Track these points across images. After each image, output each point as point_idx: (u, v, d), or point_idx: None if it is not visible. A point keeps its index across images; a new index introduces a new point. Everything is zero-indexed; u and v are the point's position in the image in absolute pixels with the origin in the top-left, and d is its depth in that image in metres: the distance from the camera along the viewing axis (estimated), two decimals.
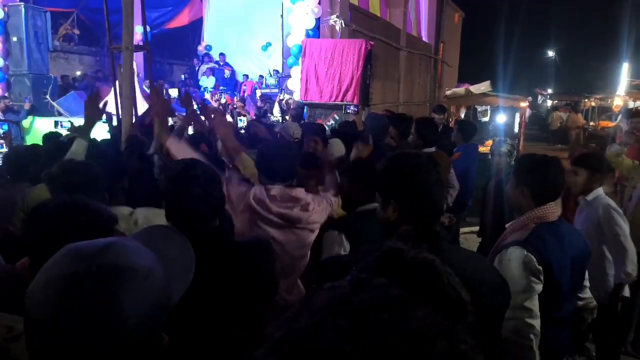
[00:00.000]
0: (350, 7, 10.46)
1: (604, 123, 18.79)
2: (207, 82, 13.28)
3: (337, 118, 8.85)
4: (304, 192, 2.50)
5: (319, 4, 9.64)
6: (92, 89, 11.95)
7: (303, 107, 8.71)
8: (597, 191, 3.19)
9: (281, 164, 2.46)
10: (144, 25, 6.01)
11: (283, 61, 10.70)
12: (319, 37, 9.75)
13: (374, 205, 1.81)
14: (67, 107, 10.31)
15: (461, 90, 13.03)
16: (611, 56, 32.03)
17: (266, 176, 2.48)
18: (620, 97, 22.13)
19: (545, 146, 18.79)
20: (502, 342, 1.79)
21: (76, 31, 14.23)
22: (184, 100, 4.43)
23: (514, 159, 4.21)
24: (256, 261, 1.78)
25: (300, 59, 9.45)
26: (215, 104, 11.30)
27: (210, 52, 14.41)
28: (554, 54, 41.50)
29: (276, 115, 10.41)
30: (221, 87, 13.25)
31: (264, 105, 11.22)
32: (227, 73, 13.61)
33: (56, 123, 6.18)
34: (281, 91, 11.08)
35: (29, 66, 10.47)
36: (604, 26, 34.17)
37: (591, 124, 19.49)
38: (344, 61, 9.06)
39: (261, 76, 12.98)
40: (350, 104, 8.87)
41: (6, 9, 10.37)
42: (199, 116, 4.43)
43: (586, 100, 22.90)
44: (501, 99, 12.59)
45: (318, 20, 9.72)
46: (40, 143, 4.35)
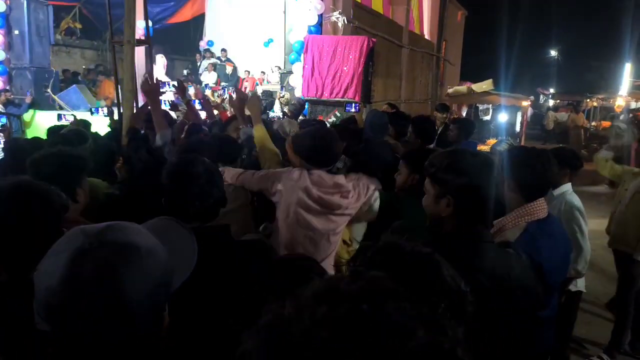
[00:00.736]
0: (353, 4, 10.44)
1: (605, 123, 18.76)
2: (208, 78, 13.26)
3: (338, 115, 8.84)
4: (344, 178, 2.50)
5: (322, 0, 9.62)
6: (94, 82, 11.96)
7: (303, 103, 8.70)
8: (565, 187, 3.20)
9: (323, 150, 2.45)
10: (146, 19, 6.01)
11: (285, 57, 10.69)
12: (321, 34, 9.73)
13: None
14: (68, 100, 10.31)
15: (463, 88, 13.03)
16: (614, 56, 31.98)
17: (308, 162, 2.47)
18: (622, 98, 22.10)
19: (543, 145, 18.74)
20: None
21: (78, 25, 14.21)
22: (177, 90, 4.45)
23: None
24: (251, 261, 1.76)
25: (302, 55, 9.44)
26: (218, 100, 11.29)
27: (212, 48, 14.38)
28: (557, 53, 41.42)
29: (277, 111, 10.40)
30: (222, 83, 13.23)
31: (265, 100, 11.21)
32: (228, 69, 13.58)
33: (59, 116, 6.17)
34: (282, 88, 11.06)
35: (31, 59, 10.46)
36: (607, 26, 34.09)
37: (593, 124, 19.46)
38: (346, 58, 9.06)
39: (263, 72, 12.95)
40: (352, 101, 8.86)
41: (8, 1, 10.36)
42: (194, 107, 4.43)
43: (588, 100, 22.86)
44: (503, 97, 12.59)
45: (320, 16, 9.69)
46: (42, 136, 4.34)
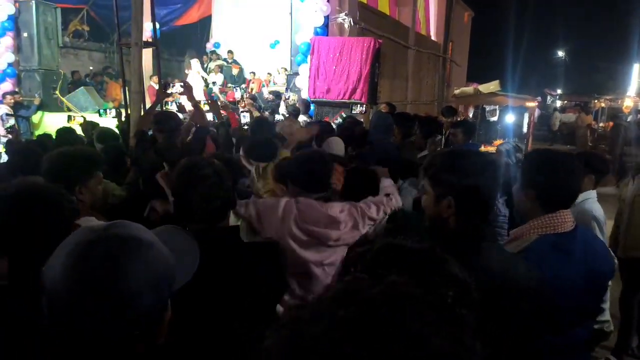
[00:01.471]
0: (359, 5, 10.44)
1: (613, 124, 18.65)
2: (214, 80, 13.31)
3: (344, 116, 8.83)
4: (337, 207, 2.27)
5: (328, 1, 9.62)
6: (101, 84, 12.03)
7: (308, 104, 8.71)
8: (588, 194, 2.89)
9: (312, 173, 2.30)
10: (153, 22, 6.04)
11: (291, 59, 10.69)
12: (327, 35, 9.74)
13: None
14: (77, 102, 10.38)
15: (470, 89, 12.98)
16: (622, 57, 31.78)
17: (299, 187, 2.34)
18: (630, 98, 21.96)
19: (550, 147, 18.65)
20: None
21: (86, 27, 14.31)
22: (185, 92, 4.46)
23: (518, 158, 4.17)
24: (260, 264, 1.77)
25: (309, 56, 9.45)
26: (226, 99, 11.33)
27: (219, 50, 14.43)
28: (564, 54, 41.21)
29: (282, 113, 10.42)
30: (229, 85, 13.28)
31: (273, 100, 11.23)
32: (234, 70, 13.63)
33: (69, 117, 6.23)
34: (287, 89, 11.07)
35: (39, 62, 10.54)
36: (614, 27, 33.87)
37: (600, 124, 19.35)
38: (352, 59, 9.06)
39: (269, 74, 12.98)
40: (358, 102, 8.86)
41: (17, 4, 10.45)
42: (202, 110, 4.45)
43: (596, 101, 22.73)
44: (510, 98, 12.53)
45: (327, 18, 9.70)
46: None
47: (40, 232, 1.35)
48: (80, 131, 5.43)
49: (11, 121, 8.92)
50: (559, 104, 27.06)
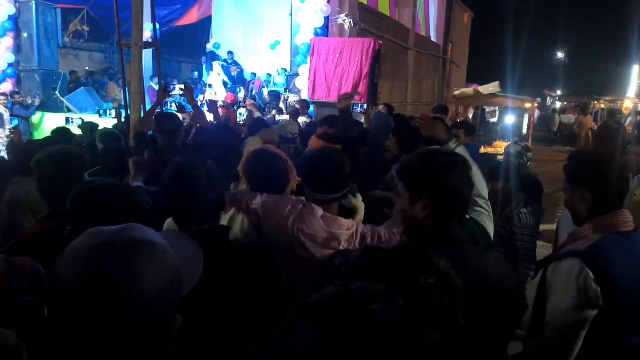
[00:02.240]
0: (359, 6, 10.44)
1: None
2: (213, 80, 13.31)
3: None
4: (345, 223, 2.01)
5: (328, 2, 9.63)
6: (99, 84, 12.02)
7: (308, 105, 8.71)
8: None
9: (319, 174, 2.08)
10: (153, 22, 6.05)
11: (291, 59, 10.70)
12: (327, 36, 9.74)
13: None
14: (76, 103, 10.38)
15: (469, 90, 13.00)
16: (621, 58, 31.81)
17: (305, 186, 2.15)
18: (630, 99, 21.98)
19: (550, 148, 18.67)
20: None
21: (86, 27, 14.31)
22: (185, 93, 4.45)
23: (526, 161, 4.15)
24: (255, 263, 1.73)
25: (309, 57, 9.45)
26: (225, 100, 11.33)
27: (219, 50, 14.43)
28: (563, 55, 41.23)
29: (284, 115, 10.42)
30: (229, 84, 13.27)
31: (272, 101, 11.23)
32: (234, 71, 13.62)
33: (67, 120, 6.24)
34: (285, 90, 11.08)
35: (39, 62, 10.56)
36: (613, 27, 33.92)
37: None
38: (352, 60, 9.06)
39: (269, 74, 12.99)
40: (358, 103, 8.86)
41: (17, 5, 10.46)
42: (202, 112, 4.46)
43: (595, 102, 22.76)
44: (509, 99, 12.54)
45: (327, 18, 9.70)
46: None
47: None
48: (78, 132, 5.46)
49: (15, 122, 8.95)
50: (558, 105, 27.08)
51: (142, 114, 4.89)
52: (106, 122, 6.29)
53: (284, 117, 8.22)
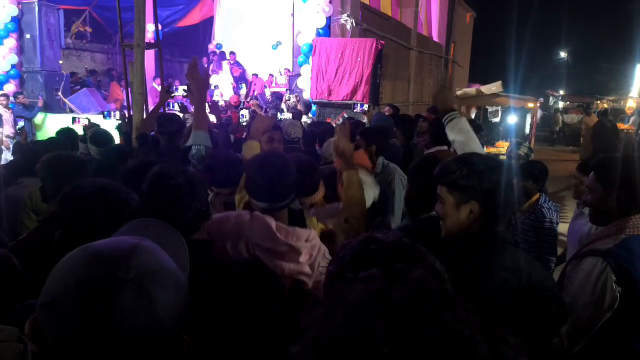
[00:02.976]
0: (361, 7, 10.44)
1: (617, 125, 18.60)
2: (216, 81, 13.32)
3: (346, 117, 8.84)
4: (304, 233, 1.85)
5: (330, 3, 9.63)
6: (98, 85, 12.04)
7: (310, 105, 8.72)
8: None
9: (264, 181, 1.84)
10: (155, 23, 6.06)
11: (293, 60, 10.70)
12: (329, 36, 9.74)
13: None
14: (79, 104, 10.40)
15: (472, 90, 12.96)
16: (624, 58, 31.71)
17: (249, 195, 1.92)
18: (633, 99, 21.91)
19: (553, 148, 18.63)
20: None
21: (88, 29, 14.34)
22: (188, 94, 4.44)
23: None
24: (243, 278, 1.57)
25: (311, 57, 9.45)
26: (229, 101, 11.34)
27: (221, 51, 14.45)
28: (566, 55, 41.15)
29: (285, 114, 10.43)
30: (231, 84, 13.29)
31: (273, 101, 11.24)
32: (236, 72, 13.63)
33: (73, 119, 6.25)
34: (287, 90, 11.08)
35: (42, 63, 10.58)
36: (617, 27, 33.83)
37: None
38: (354, 60, 9.06)
39: (271, 75, 13.00)
40: (360, 103, 8.86)
41: (20, 6, 10.49)
42: (206, 113, 4.46)
43: (598, 102, 22.70)
44: (512, 99, 12.51)
45: (329, 19, 9.71)
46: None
47: (109, 228, 1.36)
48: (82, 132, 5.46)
49: (21, 123, 8.98)
50: (561, 104, 27.03)
51: (144, 114, 4.90)
52: (110, 124, 6.29)
53: (285, 116, 8.22)
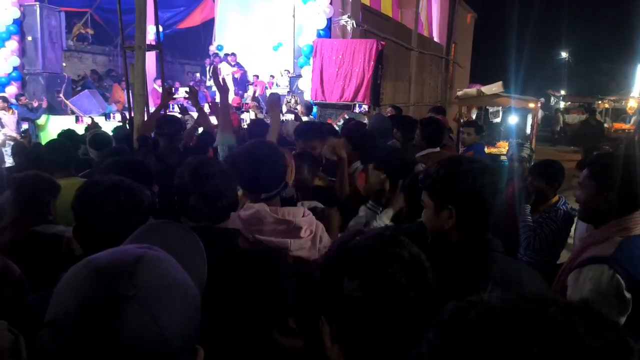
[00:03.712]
0: (362, 8, 10.46)
1: (617, 125, 18.62)
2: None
3: (347, 118, 8.85)
4: (298, 210, 1.90)
5: (331, 4, 9.65)
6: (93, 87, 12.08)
7: (311, 106, 8.73)
8: None
9: (253, 169, 1.88)
10: (156, 25, 6.08)
11: (294, 61, 10.72)
12: (330, 38, 9.76)
13: None
14: (80, 105, 10.43)
15: (473, 90, 12.96)
16: (625, 58, 31.68)
17: (242, 188, 1.98)
18: (634, 99, 21.90)
19: (553, 148, 18.62)
20: None
21: (90, 31, 14.38)
22: (190, 96, 4.45)
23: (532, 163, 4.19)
24: (260, 270, 1.70)
25: (312, 59, 9.47)
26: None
27: (221, 52, 14.48)
28: (567, 55, 41.13)
29: (287, 116, 10.44)
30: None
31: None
32: (237, 73, 13.65)
33: (77, 118, 6.31)
34: (289, 93, 11.10)
35: (43, 65, 10.61)
36: (618, 27, 33.78)
37: (605, 125, 19.30)
38: (355, 61, 9.08)
39: (272, 76, 13.02)
40: (361, 104, 8.88)
41: (22, 9, 10.53)
42: (206, 115, 4.48)
43: (600, 102, 22.70)
44: (513, 100, 12.50)
45: (329, 20, 9.72)
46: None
47: (124, 224, 1.44)
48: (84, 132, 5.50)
49: (25, 125, 9.03)
50: (562, 105, 27.02)
51: (145, 116, 4.91)
52: (112, 125, 6.33)
53: (287, 117, 8.24)
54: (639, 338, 1.64)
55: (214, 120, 4.93)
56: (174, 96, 5.16)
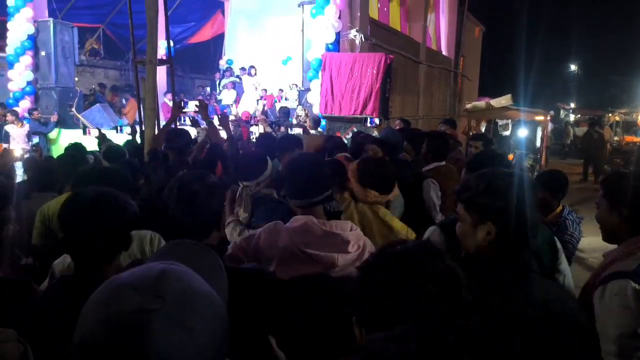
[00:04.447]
0: (370, 22, 10.52)
1: (629, 138, 18.47)
2: (227, 96, 13.45)
3: (355, 131, 8.86)
4: (346, 225, 1.91)
5: (339, 18, 9.72)
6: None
7: (318, 120, 8.76)
8: None
9: (298, 176, 1.98)
10: (167, 40, 6.16)
11: (303, 75, 10.79)
12: (338, 51, 9.82)
13: None
14: (92, 119, 10.56)
15: (482, 103, 12.96)
16: (635, 70, 31.52)
17: (288, 195, 2.04)
18: None
19: (564, 161, 18.49)
20: None
21: (96, 45, 14.56)
22: (199, 110, 4.50)
23: (535, 173, 4.14)
24: (241, 288, 1.66)
25: (320, 72, 9.52)
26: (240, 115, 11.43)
27: (232, 66, 14.63)
28: (577, 67, 40.99)
29: (295, 130, 10.46)
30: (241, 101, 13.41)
31: (282, 117, 11.31)
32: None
33: (84, 130, 6.42)
34: (299, 105, 11.15)
35: (56, 80, 10.79)
36: (627, 39, 33.70)
37: (615, 138, 19.13)
38: (364, 75, 9.10)
39: (281, 90, 13.11)
40: (372, 117, 8.89)
41: (36, 24, 10.73)
42: (216, 128, 4.51)
43: (610, 115, 22.54)
44: (522, 112, 12.47)
45: (338, 34, 9.79)
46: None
47: (106, 233, 1.51)
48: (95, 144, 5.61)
49: (36, 139, 9.16)
50: (572, 117, 26.87)
51: (156, 130, 4.96)
52: (123, 139, 6.40)
53: (295, 131, 8.27)
54: None
55: (223, 133, 4.96)
56: (184, 110, 5.20)
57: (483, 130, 13.30)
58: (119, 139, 6.48)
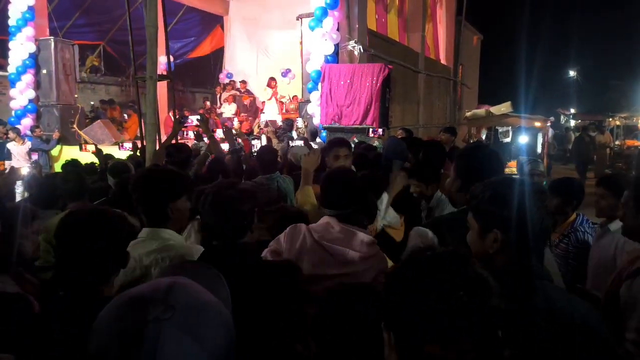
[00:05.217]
0: (369, 33, 10.60)
1: (630, 142, 18.45)
2: (227, 109, 13.50)
3: (356, 141, 8.88)
4: (362, 233, 2.15)
5: (338, 30, 9.79)
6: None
7: (316, 132, 8.80)
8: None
9: (331, 188, 2.24)
10: (167, 55, 6.20)
11: (303, 86, 10.84)
12: (337, 63, 9.87)
13: None
14: (93, 135, 10.61)
15: (481, 111, 12.98)
16: (635, 74, 31.56)
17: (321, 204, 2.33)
18: None
19: (566, 166, 18.45)
20: None
21: (96, 62, 14.66)
22: (201, 124, 4.53)
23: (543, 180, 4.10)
24: (279, 282, 1.77)
25: (320, 83, 9.57)
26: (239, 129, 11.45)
27: (232, 80, 14.70)
28: (576, 73, 41.08)
29: (296, 142, 10.48)
30: (242, 114, 13.46)
31: (285, 129, 11.34)
32: (246, 100, 13.82)
33: (80, 147, 6.49)
34: (301, 116, 11.19)
35: (58, 97, 10.85)
36: (626, 44, 33.80)
37: (616, 142, 19.12)
38: (363, 85, 9.14)
39: (281, 102, 13.15)
40: (372, 127, 8.92)
41: (37, 43, 10.83)
42: (218, 142, 4.53)
43: (610, 120, 22.54)
44: (523, 119, 12.47)
45: (337, 45, 9.85)
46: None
47: (102, 252, 1.54)
48: (94, 158, 5.65)
49: (34, 157, 9.20)
50: (572, 123, 26.88)
51: (157, 145, 4.98)
52: (124, 155, 6.42)
53: (297, 143, 8.28)
54: None
55: (225, 146, 4.98)
56: (185, 124, 5.24)
57: (484, 137, 13.31)
58: (120, 155, 6.51)
